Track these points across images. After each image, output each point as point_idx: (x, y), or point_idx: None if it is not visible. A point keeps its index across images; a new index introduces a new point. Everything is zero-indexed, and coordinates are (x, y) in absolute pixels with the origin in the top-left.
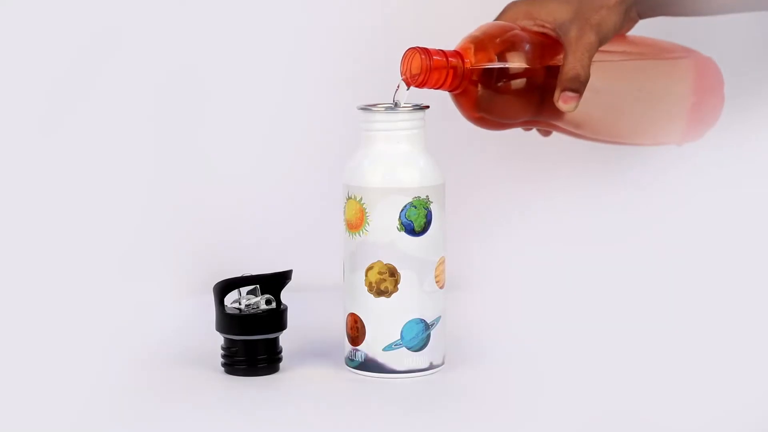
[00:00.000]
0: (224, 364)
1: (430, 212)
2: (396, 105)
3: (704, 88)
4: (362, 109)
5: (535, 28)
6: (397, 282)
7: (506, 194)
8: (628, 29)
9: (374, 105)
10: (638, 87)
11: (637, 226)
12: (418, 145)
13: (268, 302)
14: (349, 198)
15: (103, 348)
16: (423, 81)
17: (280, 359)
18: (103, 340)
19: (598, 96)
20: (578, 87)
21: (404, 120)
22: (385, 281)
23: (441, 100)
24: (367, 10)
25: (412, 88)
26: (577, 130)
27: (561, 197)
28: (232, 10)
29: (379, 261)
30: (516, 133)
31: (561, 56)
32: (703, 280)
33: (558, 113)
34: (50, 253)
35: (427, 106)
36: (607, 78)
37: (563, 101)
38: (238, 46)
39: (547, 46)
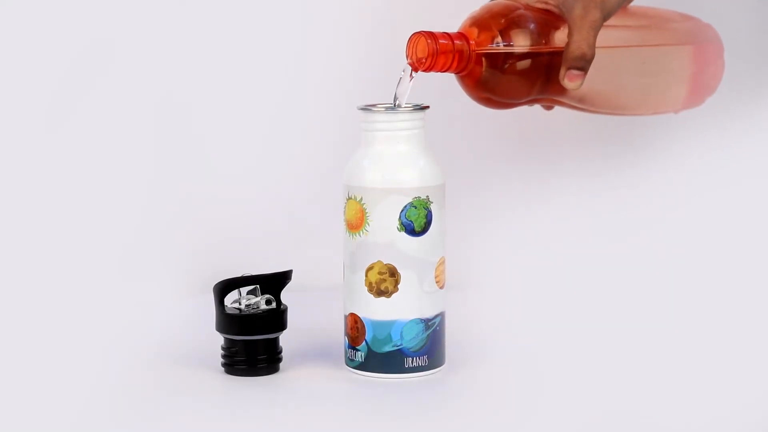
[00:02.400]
0: (224, 364)
1: (430, 212)
2: (396, 104)
3: (705, 56)
4: (362, 109)
5: (539, 5)
6: (397, 282)
7: (506, 194)
8: (630, 1)
9: (374, 105)
10: (641, 61)
11: (638, 226)
12: (418, 145)
13: (268, 302)
14: (349, 198)
15: (104, 348)
16: (430, 65)
17: (280, 359)
18: (104, 340)
19: (601, 71)
20: (584, 65)
21: (404, 120)
22: (385, 281)
23: (441, 99)
24: (367, 10)
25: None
26: (581, 105)
27: (561, 197)
28: (233, 10)
29: (379, 261)
30: (516, 132)
31: (563, 29)
32: (703, 279)
33: (563, 90)
34: (51, 253)
35: (427, 106)
36: (609, 54)
37: (569, 79)
38: (239, 46)
39: (551, 23)
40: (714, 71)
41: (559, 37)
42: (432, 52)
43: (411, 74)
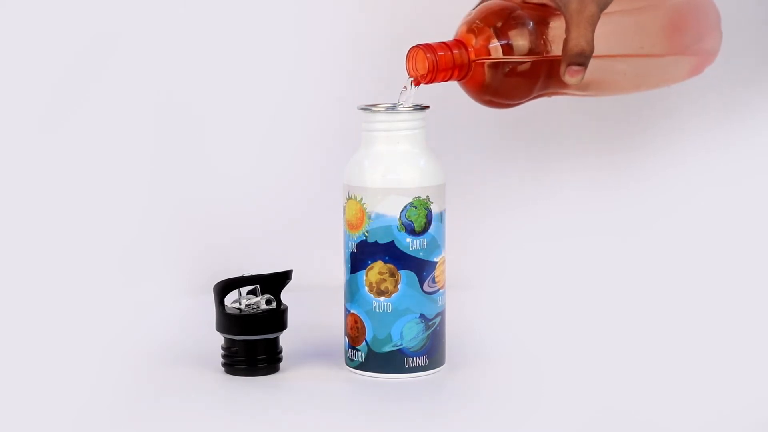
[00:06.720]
0: (224, 364)
1: (430, 212)
2: (398, 106)
3: (702, 28)
4: (363, 109)
5: (535, 0)
6: (397, 282)
7: (507, 194)
8: None
9: (375, 105)
10: (639, 45)
11: (639, 225)
12: (418, 145)
13: (268, 302)
14: (349, 198)
15: (104, 348)
16: (431, 79)
17: (280, 359)
18: (104, 340)
19: (602, 61)
20: (583, 61)
21: (404, 120)
22: (385, 281)
23: (441, 100)
24: (367, 10)
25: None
26: (583, 93)
27: (561, 197)
28: (233, 9)
29: (379, 261)
30: (516, 132)
31: (560, 23)
32: (704, 279)
33: (564, 84)
34: (51, 253)
35: (428, 106)
36: (608, 44)
37: (569, 75)
38: (239, 46)
39: (548, 19)
40: (712, 40)
41: (557, 33)
42: (432, 68)
43: (413, 89)
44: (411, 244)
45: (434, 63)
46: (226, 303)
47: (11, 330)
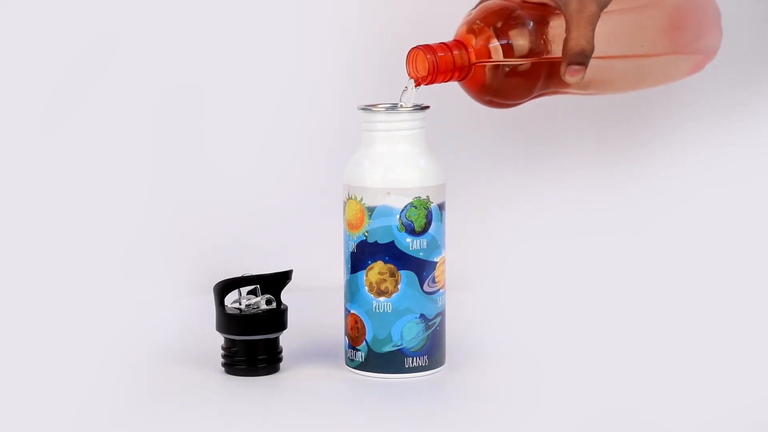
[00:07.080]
0: (224, 364)
1: (430, 212)
2: (399, 106)
3: (703, 26)
4: (363, 109)
5: (535, 0)
6: (397, 282)
7: (507, 194)
8: None
9: (374, 105)
10: (639, 44)
11: (639, 225)
12: (418, 145)
13: (268, 302)
14: (349, 198)
15: (104, 348)
16: (431, 80)
17: (280, 359)
18: (104, 340)
19: (602, 60)
20: (583, 60)
21: (404, 120)
22: (385, 281)
23: (441, 100)
24: (367, 10)
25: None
26: (584, 92)
27: (562, 197)
28: (233, 9)
29: (379, 261)
30: (516, 132)
31: (560, 22)
32: (704, 279)
33: (565, 83)
34: (51, 252)
35: (428, 106)
36: (608, 43)
37: (570, 75)
38: (239, 46)
39: (548, 19)
40: (713, 37)
41: (557, 32)
42: (432, 69)
43: (414, 89)
44: (411, 244)
45: (434, 64)
46: (226, 303)
47: (12, 330)
